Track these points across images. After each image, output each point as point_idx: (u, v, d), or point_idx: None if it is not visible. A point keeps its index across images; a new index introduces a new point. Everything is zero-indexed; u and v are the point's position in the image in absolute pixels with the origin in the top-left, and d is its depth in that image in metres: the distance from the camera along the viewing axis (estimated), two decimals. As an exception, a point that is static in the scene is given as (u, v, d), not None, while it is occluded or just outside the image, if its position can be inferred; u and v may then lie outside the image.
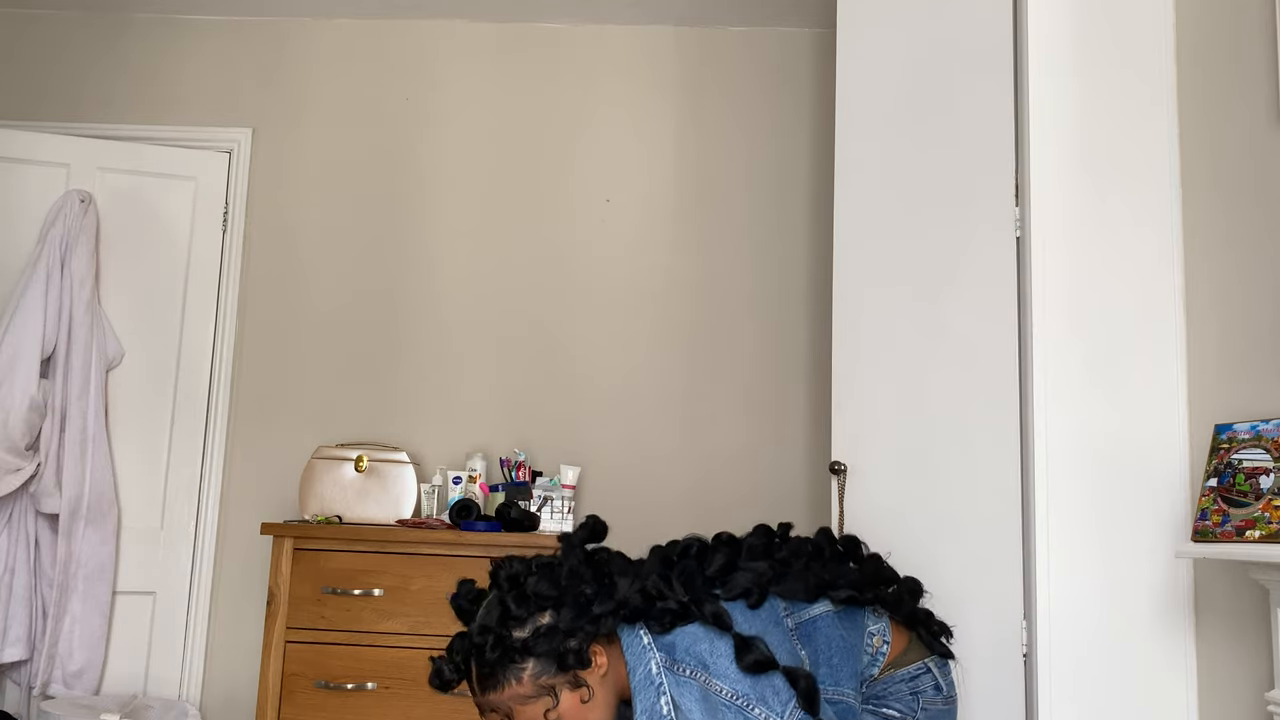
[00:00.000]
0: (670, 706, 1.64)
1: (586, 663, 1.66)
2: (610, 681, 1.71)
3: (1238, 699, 2.07)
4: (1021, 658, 2.28)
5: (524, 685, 1.64)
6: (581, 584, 1.70)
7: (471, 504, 3.06)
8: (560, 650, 1.63)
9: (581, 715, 1.67)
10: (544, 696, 1.64)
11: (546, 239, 3.61)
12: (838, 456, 2.50)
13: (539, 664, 1.64)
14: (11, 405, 3.16)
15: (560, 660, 1.63)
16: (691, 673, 1.65)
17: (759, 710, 1.61)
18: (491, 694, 1.66)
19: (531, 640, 1.64)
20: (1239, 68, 2.14)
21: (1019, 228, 2.42)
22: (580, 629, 1.65)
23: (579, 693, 1.66)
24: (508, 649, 1.65)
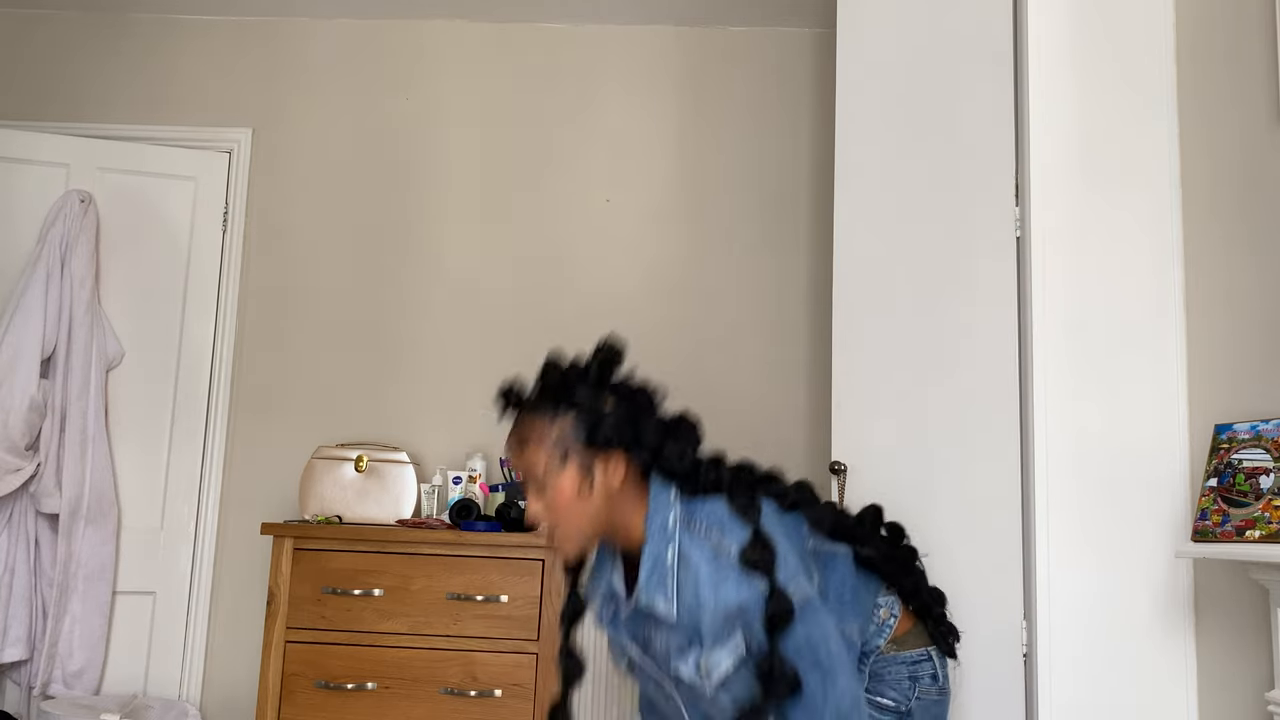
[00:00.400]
0: (675, 557, 1.70)
1: (609, 444, 1.72)
2: (611, 504, 1.76)
3: (1238, 699, 2.07)
4: (1021, 658, 2.28)
5: (551, 430, 1.72)
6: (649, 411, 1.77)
7: (471, 504, 3.06)
8: (596, 425, 1.71)
9: (568, 501, 1.73)
10: (555, 454, 1.72)
11: (546, 239, 3.61)
12: (838, 456, 2.50)
13: (574, 423, 1.72)
14: (11, 405, 3.16)
15: (589, 432, 1.71)
16: (706, 533, 1.71)
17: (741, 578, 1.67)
18: (527, 420, 1.75)
19: (584, 403, 1.73)
20: (1239, 68, 2.15)
21: (1019, 228, 2.42)
22: (621, 432, 1.72)
23: (581, 481, 1.72)
24: (567, 391, 1.74)
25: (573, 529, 1.75)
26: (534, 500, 1.76)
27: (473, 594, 2.92)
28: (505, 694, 2.88)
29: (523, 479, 1.77)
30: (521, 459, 1.75)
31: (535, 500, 1.76)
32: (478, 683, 2.89)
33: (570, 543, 1.77)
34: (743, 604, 1.67)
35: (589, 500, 1.74)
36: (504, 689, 2.88)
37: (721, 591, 1.67)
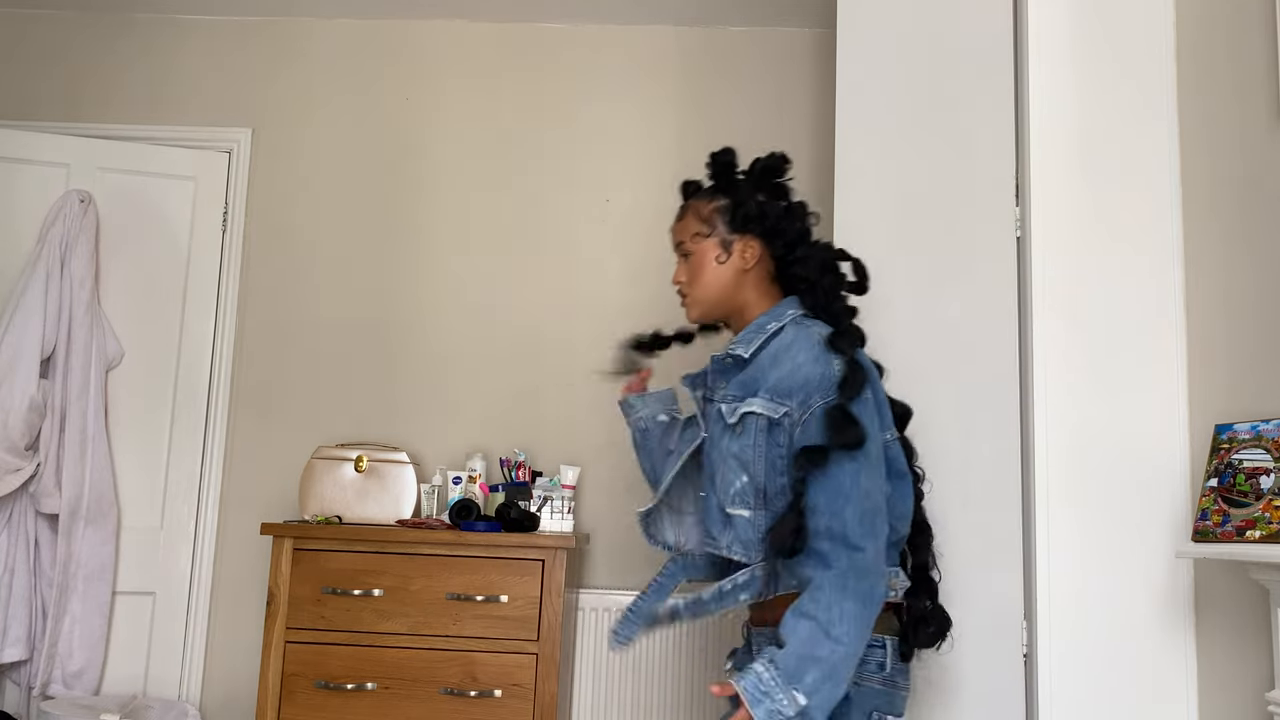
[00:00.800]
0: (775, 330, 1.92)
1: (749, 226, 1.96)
2: (739, 283, 1.99)
3: (1238, 699, 2.07)
4: (1021, 658, 2.28)
5: (707, 206, 2.01)
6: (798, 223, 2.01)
7: (471, 504, 3.06)
8: (744, 208, 1.97)
9: (704, 265, 1.99)
10: (704, 226, 1.99)
11: (546, 239, 3.61)
12: (838, 456, 2.50)
13: (728, 204, 1.99)
14: (11, 405, 3.16)
15: (733, 214, 1.97)
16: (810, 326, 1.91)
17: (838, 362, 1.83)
18: (697, 198, 2.05)
19: (741, 190, 2.00)
20: (1239, 67, 2.14)
21: (1019, 228, 2.42)
22: (765, 222, 1.97)
23: (719, 252, 1.98)
24: (731, 177, 2.03)
25: (702, 292, 2.00)
26: (680, 265, 2.04)
27: (473, 594, 2.92)
28: (505, 694, 2.88)
29: (675, 246, 2.05)
30: (678, 226, 2.05)
31: (680, 265, 2.04)
32: (478, 683, 2.89)
33: (698, 306, 2.02)
34: (809, 377, 1.81)
35: (722, 270, 1.98)
36: (504, 689, 2.88)
37: (798, 361, 1.84)
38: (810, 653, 1.69)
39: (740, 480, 1.86)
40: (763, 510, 1.85)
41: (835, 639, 1.69)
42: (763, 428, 1.84)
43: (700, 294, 2.00)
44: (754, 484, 1.85)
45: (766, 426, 1.84)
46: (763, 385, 1.86)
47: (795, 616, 1.73)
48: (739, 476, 1.87)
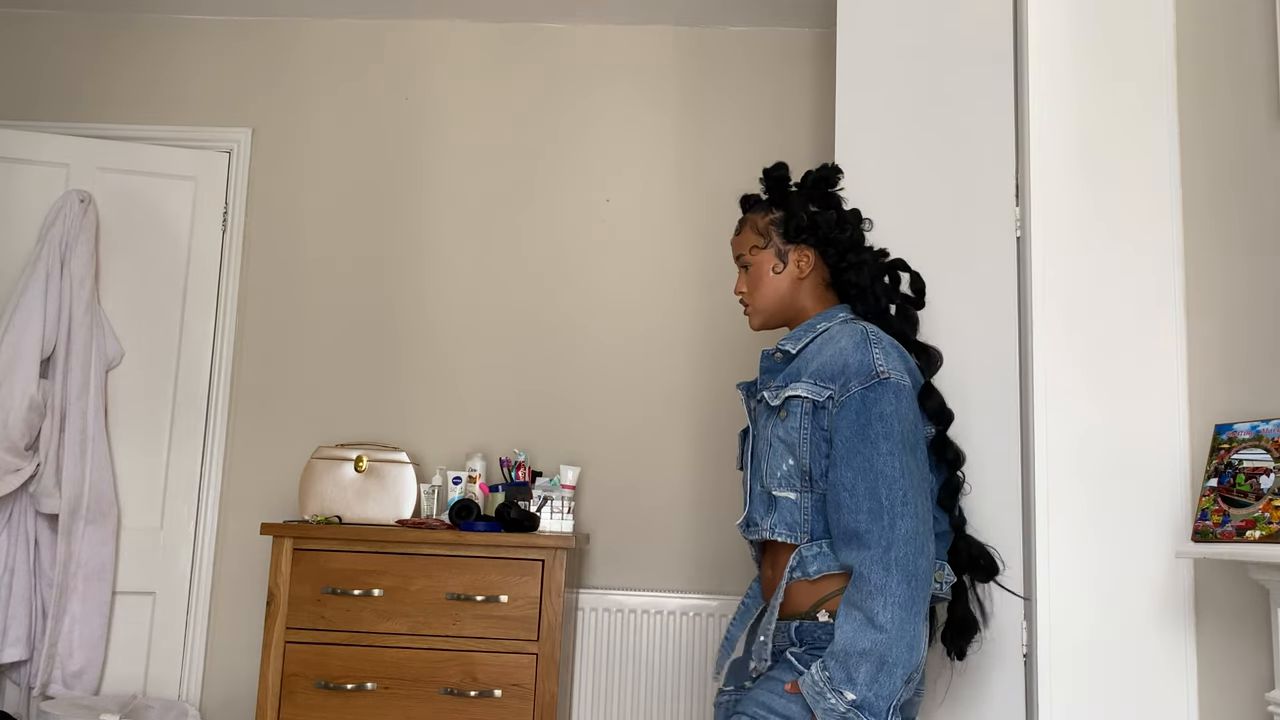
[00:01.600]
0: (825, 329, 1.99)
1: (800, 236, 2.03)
2: (797, 290, 2.06)
3: (1238, 699, 2.07)
4: (1022, 658, 2.28)
5: (763, 220, 2.08)
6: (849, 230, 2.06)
7: (471, 504, 3.06)
8: (797, 223, 2.03)
9: (763, 276, 2.07)
10: (761, 238, 2.07)
11: (546, 239, 3.61)
12: (838, 456, 2.50)
13: (781, 217, 2.06)
14: (11, 405, 3.16)
15: (786, 225, 2.04)
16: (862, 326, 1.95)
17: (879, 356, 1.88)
18: (749, 212, 2.12)
19: (794, 203, 2.06)
20: (1239, 67, 2.14)
21: (1019, 228, 2.42)
22: (817, 233, 2.04)
23: (775, 261, 2.06)
24: (784, 193, 2.09)
25: (762, 302, 2.07)
26: (740, 277, 2.11)
27: (472, 594, 2.92)
28: (505, 694, 2.88)
29: (736, 259, 2.12)
30: (737, 239, 2.12)
31: (741, 277, 2.11)
32: (477, 683, 2.89)
33: (759, 315, 2.09)
34: (849, 362, 1.87)
35: (779, 280, 2.05)
36: (504, 689, 2.88)
37: (841, 346, 1.89)
38: (855, 647, 1.71)
39: (786, 463, 1.90)
40: (808, 493, 1.88)
41: (880, 627, 1.70)
42: (807, 410, 1.88)
43: (760, 303, 2.07)
44: (799, 467, 1.88)
45: (811, 409, 1.88)
46: (806, 371, 1.92)
47: (846, 607, 1.76)
48: (785, 460, 1.90)
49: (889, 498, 1.77)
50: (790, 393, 1.90)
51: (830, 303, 2.08)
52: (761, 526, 1.94)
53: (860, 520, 1.77)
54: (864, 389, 1.83)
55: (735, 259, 2.13)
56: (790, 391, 1.91)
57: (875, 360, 1.86)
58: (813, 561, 1.86)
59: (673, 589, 3.38)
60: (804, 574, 1.86)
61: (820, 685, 1.71)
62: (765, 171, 2.11)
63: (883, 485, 1.77)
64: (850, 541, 1.78)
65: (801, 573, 1.87)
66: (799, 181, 2.12)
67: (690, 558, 3.42)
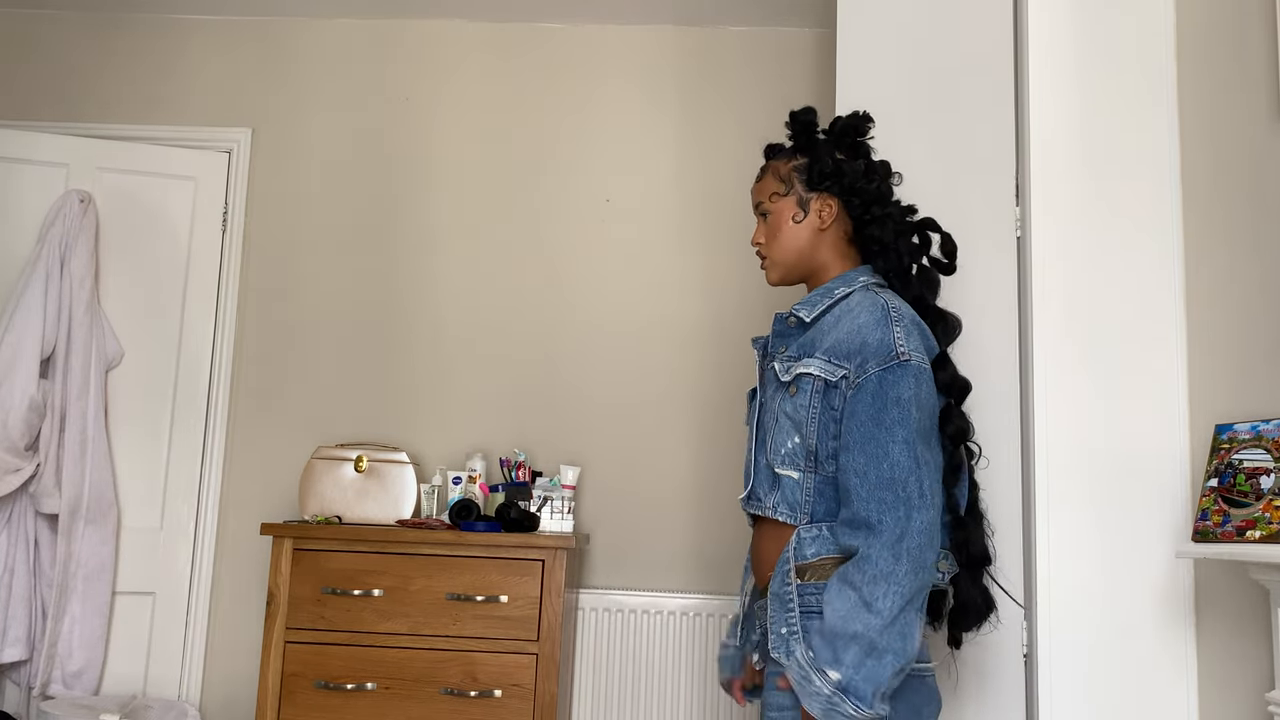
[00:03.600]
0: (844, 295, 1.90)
1: (824, 184, 1.95)
2: (816, 243, 1.97)
3: (1238, 699, 2.07)
4: (1022, 658, 2.28)
5: (785, 166, 2.00)
6: (876, 182, 1.97)
7: (471, 504, 3.06)
8: (821, 169, 1.94)
9: (783, 223, 1.98)
10: (782, 184, 1.98)
11: (546, 239, 3.61)
12: (838, 456, 2.50)
13: (803, 164, 1.97)
14: (11, 405, 3.16)
15: (810, 172, 1.95)
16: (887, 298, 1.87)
17: (900, 335, 1.80)
18: (773, 159, 2.04)
19: (821, 149, 1.97)
20: (1239, 66, 2.14)
21: (1019, 228, 2.42)
22: (843, 181, 1.95)
23: (797, 211, 1.96)
24: (812, 137, 2.00)
25: (780, 254, 1.98)
26: (759, 226, 2.03)
27: (472, 594, 2.92)
28: (505, 694, 2.88)
29: (755, 207, 2.04)
30: (757, 186, 2.03)
31: (760, 226, 2.02)
32: (478, 683, 2.89)
33: (777, 268, 2.00)
34: (867, 342, 1.79)
35: (799, 230, 1.96)
36: (504, 689, 2.88)
37: (860, 323, 1.82)
38: (845, 628, 1.65)
39: (792, 440, 1.83)
40: (812, 473, 1.82)
41: (876, 611, 1.64)
42: (819, 389, 1.81)
43: (778, 255, 1.98)
44: (805, 445, 1.82)
45: (823, 388, 1.81)
46: (820, 347, 1.84)
47: (840, 584, 1.69)
48: (790, 437, 1.84)
49: (905, 489, 1.70)
50: (802, 369, 1.83)
51: (852, 260, 1.97)
52: (765, 504, 1.88)
53: (871, 510, 1.70)
54: (882, 370, 1.76)
55: (754, 208, 2.03)
56: (802, 368, 1.83)
57: (896, 339, 1.78)
58: (810, 544, 1.81)
59: (673, 589, 3.38)
60: (801, 557, 1.81)
61: (805, 668, 1.67)
62: (792, 115, 2.01)
63: (898, 475, 1.71)
64: (859, 529, 1.72)
65: (799, 556, 1.81)
66: (827, 128, 2.02)
67: (690, 558, 3.42)
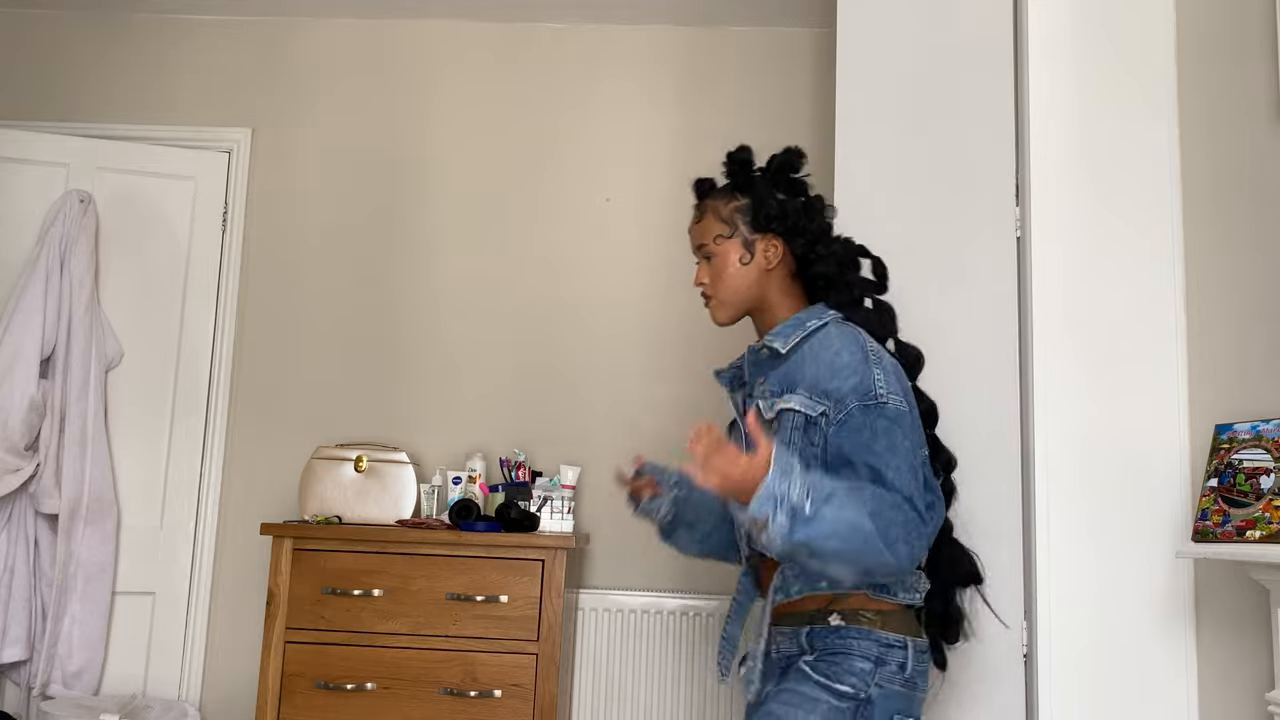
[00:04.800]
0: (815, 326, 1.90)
1: (770, 226, 1.94)
2: (764, 281, 1.97)
3: (1238, 699, 2.07)
4: (1022, 658, 2.28)
5: (728, 206, 1.97)
6: (818, 218, 1.99)
7: (471, 504, 3.06)
8: (765, 210, 1.94)
9: (728, 266, 1.96)
10: (726, 225, 1.96)
11: (546, 239, 3.61)
12: (838, 456, 2.50)
13: (745, 204, 1.96)
14: (11, 405, 3.16)
15: (755, 213, 1.95)
16: (855, 330, 1.89)
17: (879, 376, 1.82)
18: (709, 198, 2.01)
19: (759, 189, 1.97)
20: (1240, 67, 2.14)
21: (1019, 228, 2.42)
22: (785, 221, 1.95)
23: (743, 252, 1.95)
24: (749, 177, 2.00)
25: (727, 294, 1.97)
26: (702, 268, 2.00)
27: (472, 594, 2.92)
28: (505, 694, 2.88)
29: (696, 249, 2.01)
30: (697, 228, 2.01)
31: (702, 268, 2.00)
32: (477, 683, 2.89)
33: (724, 309, 1.99)
34: (848, 379, 1.80)
35: (746, 271, 1.95)
36: (504, 689, 2.88)
37: (841, 361, 1.82)
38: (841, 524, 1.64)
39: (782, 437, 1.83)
40: None
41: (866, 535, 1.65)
42: (799, 425, 1.81)
43: (725, 296, 1.97)
44: None
45: (804, 424, 1.81)
46: (801, 382, 1.84)
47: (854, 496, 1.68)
48: (781, 435, 1.83)
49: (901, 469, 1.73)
50: (784, 405, 1.83)
51: (798, 295, 1.99)
52: (758, 541, 1.82)
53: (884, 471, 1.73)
54: (863, 406, 1.78)
55: (696, 249, 2.00)
56: (784, 404, 1.84)
57: (876, 381, 1.80)
58: (795, 582, 1.82)
59: (673, 589, 3.38)
60: (785, 595, 1.82)
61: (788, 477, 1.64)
62: (730, 155, 2.02)
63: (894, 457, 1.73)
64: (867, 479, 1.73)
65: (783, 595, 1.83)
66: (763, 166, 2.02)
67: (690, 558, 3.41)
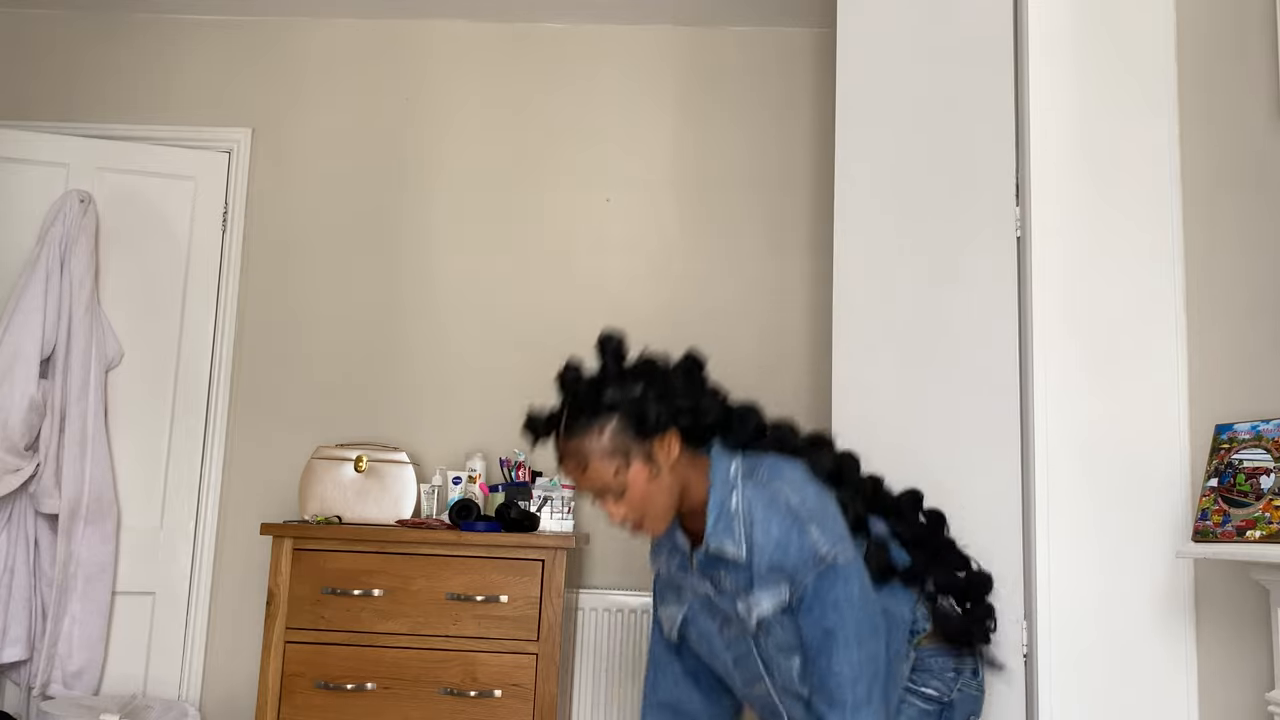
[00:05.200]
0: (739, 502, 1.80)
1: (663, 428, 1.79)
2: (680, 475, 1.84)
3: (1238, 699, 2.07)
4: (1022, 658, 2.28)
5: (603, 440, 1.77)
6: (676, 377, 1.85)
7: (471, 504, 3.06)
8: (642, 416, 1.77)
9: (646, 491, 1.80)
10: (617, 458, 1.77)
11: (546, 238, 3.61)
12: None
13: (620, 423, 1.77)
14: (11, 405, 3.16)
15: (639, 424, 1.77)
16: (767, 480, 1.82)
17: (814, 529, 1.77)
18: (574, 440, 1.78)
19: (621, 400, 1.78)
20: (1240, 66, 2.14)
21: (1019, 227, 2.42)
22: (665, 410, 1.80)
23: (648, 468, 1.79)
24: (600, 401, 1.78)
25: (657, 511, 1.83)
26: (613, 505, 1.82)
27: (472, 594, 2.92)
28: (505, 694, 2.88)
29: (595, 493, 1.82)
30: (586, 478, 1.79)
31: (615, 505, 1.81)
32: (477, 683, 2.89)
33: (659, 523, 1.84)
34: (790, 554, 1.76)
35: (659, 481, 1.81)
36: (504, 689, 2.88)
37: (775, 537, 1.76)
38: None
39: (794, 662, 1.84)
40: None
41: None
42: (780, 615, 1.81)
43: (656, 513, 1.83)
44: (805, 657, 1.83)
45: (782, 613, 1.81)
46: (757, 579, 1.80)
47: None
48: (791, 660, 1.84)
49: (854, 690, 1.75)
50: (760, 613, 1.81)
51: (699, 459, 1.88)
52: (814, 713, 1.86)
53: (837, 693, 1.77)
54: (817, 579, 1.77)
55: (596, 495, 1.82)
56: (760, 612, 1.81)
57: (815, 542, 1.77)
58: None
59: (673, 589, 3.38)
60: None
61: None
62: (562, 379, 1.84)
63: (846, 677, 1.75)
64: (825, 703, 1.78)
65: None
66: (596, 375, 1.83)
67: (690, 558, 3.41)
